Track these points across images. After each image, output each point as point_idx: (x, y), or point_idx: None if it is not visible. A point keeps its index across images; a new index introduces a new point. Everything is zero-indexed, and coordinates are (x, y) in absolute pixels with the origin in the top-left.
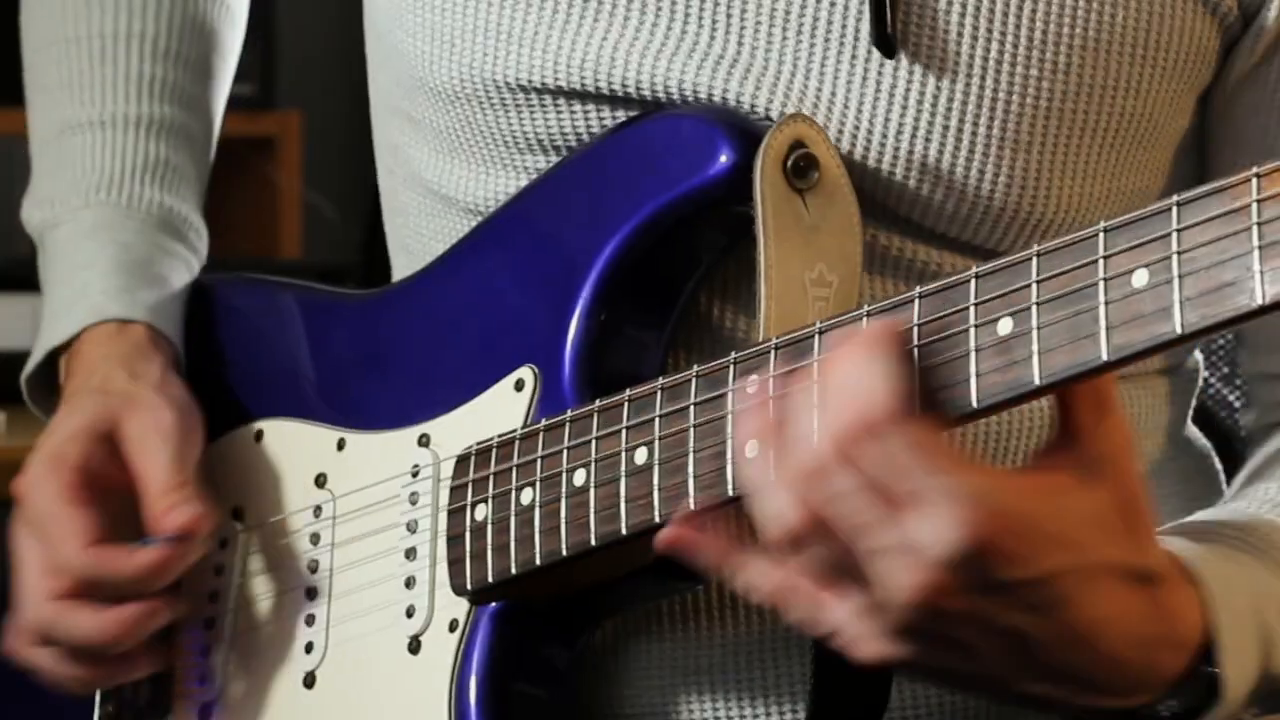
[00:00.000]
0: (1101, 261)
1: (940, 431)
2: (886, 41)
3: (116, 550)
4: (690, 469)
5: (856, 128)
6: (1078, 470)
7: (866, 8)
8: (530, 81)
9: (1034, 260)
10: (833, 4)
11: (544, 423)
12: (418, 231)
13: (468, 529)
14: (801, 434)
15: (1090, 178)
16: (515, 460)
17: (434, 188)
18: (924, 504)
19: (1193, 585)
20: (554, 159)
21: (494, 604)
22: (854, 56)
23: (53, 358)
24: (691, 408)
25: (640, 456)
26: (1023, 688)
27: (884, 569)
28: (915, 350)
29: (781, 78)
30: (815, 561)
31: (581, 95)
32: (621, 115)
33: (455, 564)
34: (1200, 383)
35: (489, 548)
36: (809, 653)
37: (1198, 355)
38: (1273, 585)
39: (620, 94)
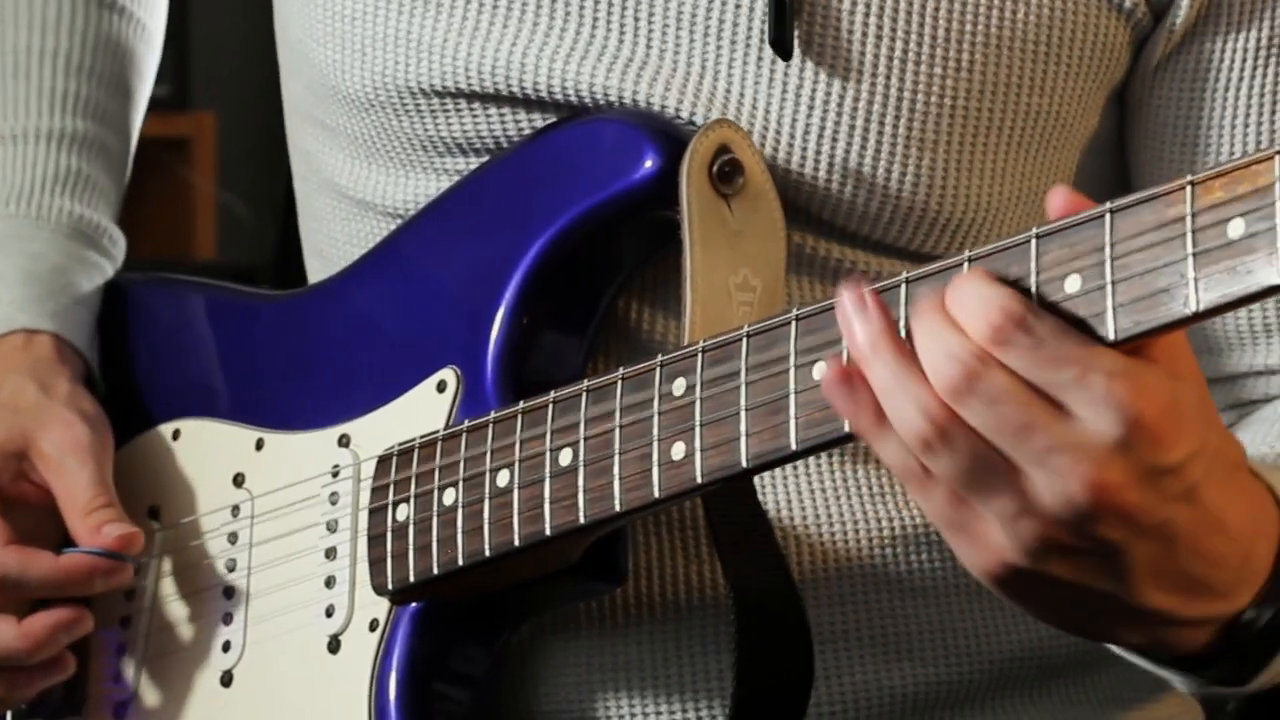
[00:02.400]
0: (1034, 266)
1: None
2: (783, 44)
3: (39, 552)
4: (616, 471)
5: (765, 129)
6: (1173, 368)
7: (766, 10)
8: (444, 87)
9: (965, 265)
10: (737, 7)
11: (467, 424)
12: (332, 236)
13: (389, 529)
14: (931, 353)
15: (999, 177)
16: (438, 461)
17: (349, 193)
18: (1087, 387)
19: (1258, 478)
20: (472, 160)
21: (414, 604)
22: (759, 59)
23: None
24: (618, 409)
25: (565, 458)
26: (1145, 601)
27: (1053, 470)
28: None
29: (690, 80)
30: (959, 464)
31: (495, 98)
32: (537, 117)
33: (376, 564)
34: None
35: (410, 548)
36: (728, 651)
37: None
38: None
39: (534, 97)
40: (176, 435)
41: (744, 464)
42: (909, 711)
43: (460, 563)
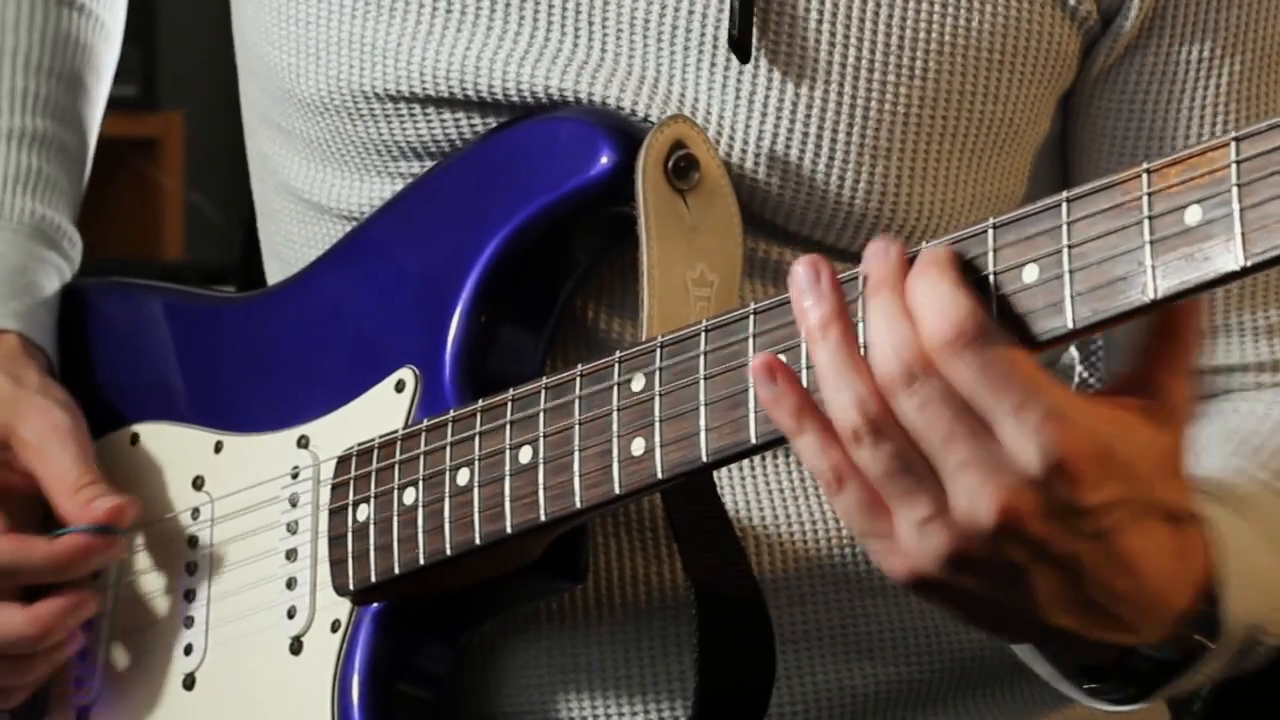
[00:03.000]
0: (991, 256)
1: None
2: (743, 46)
3: (34, 537)
4: (576, 467)
5: (720, 133)
6: (1149, 412)
7: (725, 13)
8: (398, 91)
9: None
10: (691, 10)
11: (426, 422)
12: (289, 239)
13: (349, 529)
14: (879, 340)
15: (952, 183)
16: (397, 460)
17: (305, 196)
18: (1018, 419)
19: (1206, 528)
20: (427, 164)
21: (376, 604)
22: (714, 63)
23: None
24: (577, 405)
25: (525, 455)
26: (1050, 620)
27: (966, 484)
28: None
29: (645, 82)
30: (882, 460)
31: (450, 102)
32: (491, 120)
33: (337, 564)
34: (1076, 379)
35: (371, 548)
36: (689, 651)
37: (1073, 351)
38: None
39: (488, 100)
40: (135, 439)
41: (704, 458)
42: (870, 711)
43: (421, 562)
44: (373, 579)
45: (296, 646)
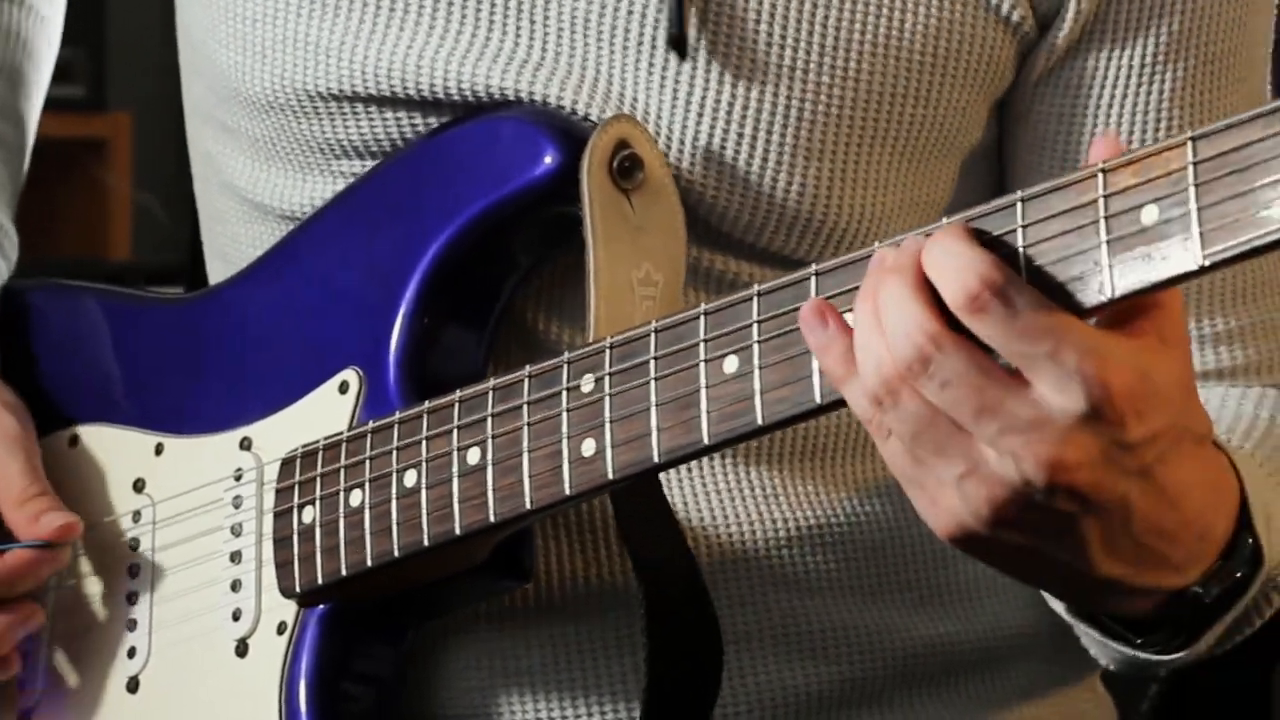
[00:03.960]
0: None
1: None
2: (681, 43)
3: None
4: (525, 468)
5: (659, 131)
6: (1159, 336)
7: (664, 12)
8: (341, 90)
9: (877, 252)
10: (631, 9)
11: (372, 424)
12: (234, 238)
13: (295, 531)
14: (893, 325)
15: (883, 187)
16: (343, 462)
17: (249, 195)
18: (1057, 362)
19: (1223, 451)
20: (369, 163)
21: (322, 606)
22: (653, 62)
23: None
24: (525, 407)
25: (473, 456)
26: (1100, 570)
27: (1005, 449)
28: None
29: (586, 80)
30: (909, 422)
31: (393, 101)
32: (434, 120)
33: (283, 567)
34: None
35: (318, 550)
36: (631, 653)
37: None
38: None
39: (430, 98)
40: (74, 441)
41: (656, 459)
42: (815, 710)
43: (369, 564)
44: (319, 581)
45: (242, 649)
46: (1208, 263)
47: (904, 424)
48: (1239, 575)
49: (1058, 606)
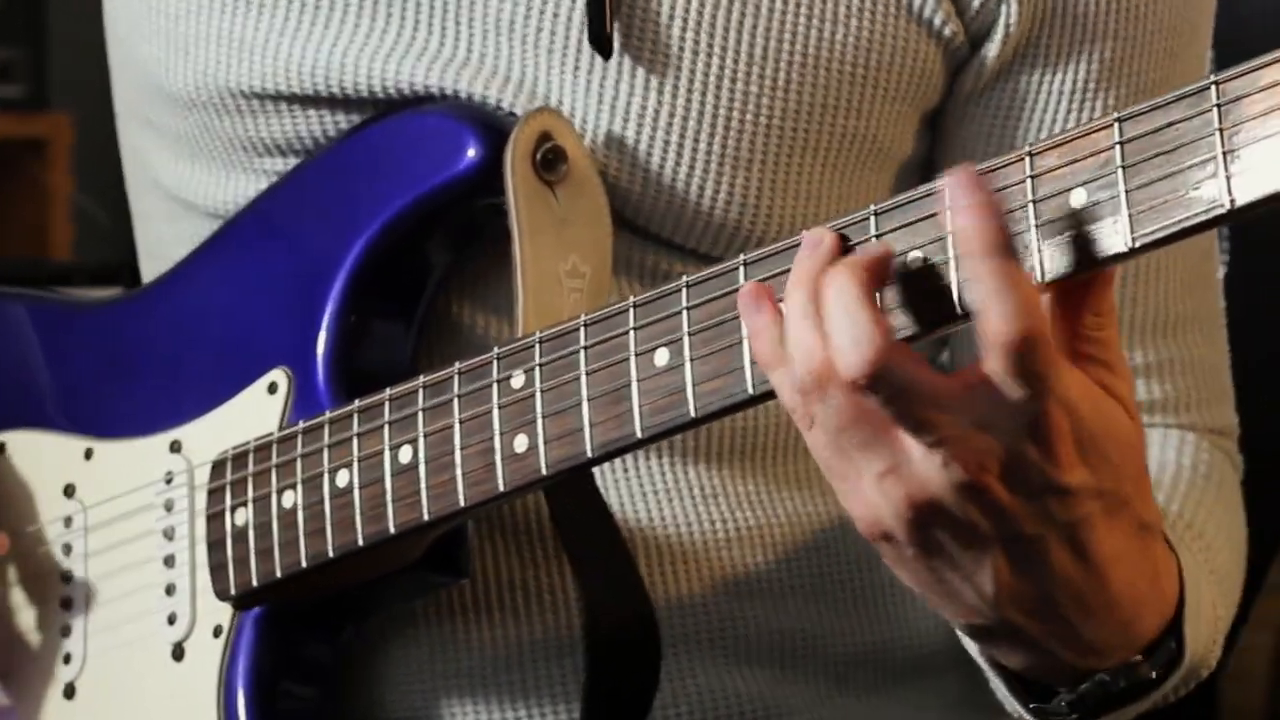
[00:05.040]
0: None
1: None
2: (602, 42)
3: None
4: (458, 466)
5: (584, 130)
6: (1113, 388)
7: (584, 11)
8: (264, 88)
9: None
10: (555, 15)
11: (302, 424)
12: (161, 236)
13: (228, 534)
14: (840, 327)
15: (813, 197)
16: (274, 463)
17: (174, 192)
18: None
19: (1173, 552)
20: (293, 161)
21: (257, 607)
22: (578, 63)
23: None
24: (456, 404)
25: (405, 455)
26: (1001, 610)
27: (936, 451)
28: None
29: (511, 79)
30: (833, 416)
31: (316, 99)
32: (357, 117)
33: (217, 570)
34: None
35: (251, 552)
36: (570, 654)
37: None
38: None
39: (354, 96)
40: (1, 449)
41: (589, 454)
42: (752, 713)
43: (303, 565)
44: (254, 584)
45: (178, 652)
46: (1137, 244)
47: (830, 417)
48: (1153, 676)
49: (969, 645)
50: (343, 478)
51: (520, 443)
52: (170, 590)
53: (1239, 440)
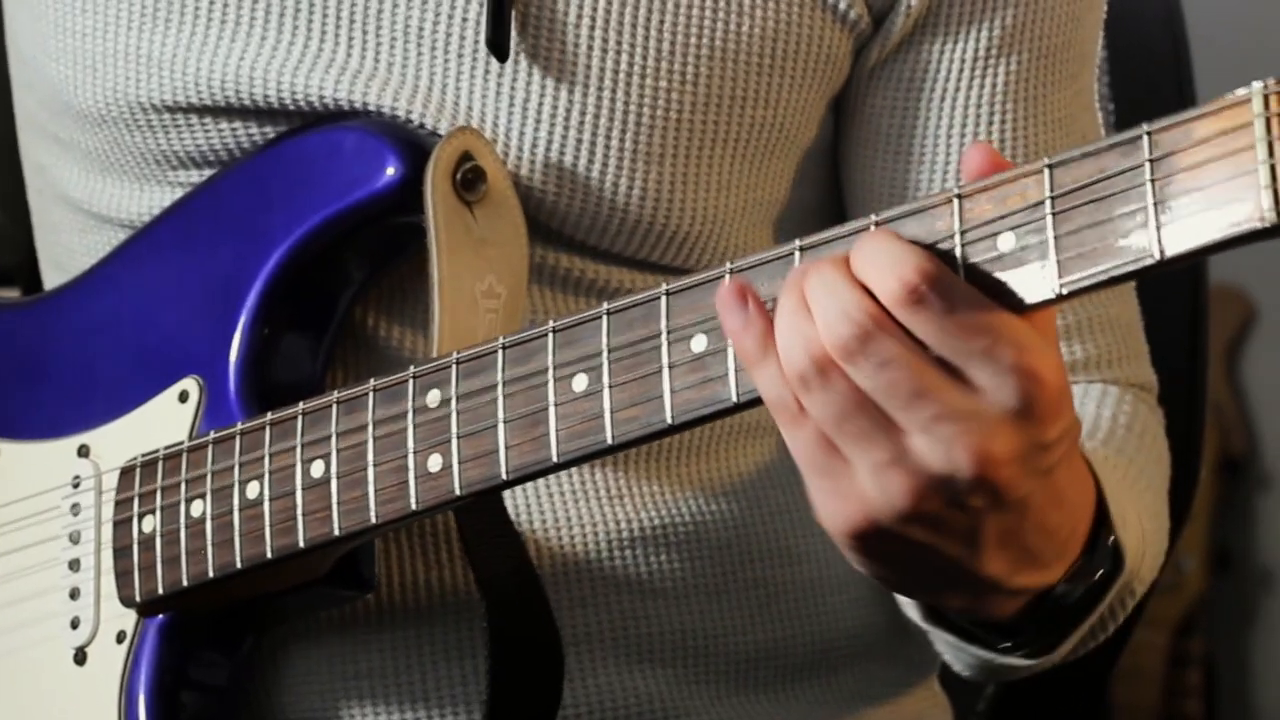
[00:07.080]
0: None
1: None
2: (500, 46)
3: None
4: (370, 483)
5: (495, 137)
6: (1045, 330)
7: (485, 17)
8: (175, 102)
9: (727, 276)
10: (465, 20)
11: (213, 435)
12: (69, 248)
13: (135, 541)
14: (827, 308)
15: (724, 189)
16: (184, 473)
17: (84, 205)
18: (994, 363)
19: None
20: (207, 173)
21: (162, 615)
22: (486, 69)
23: None
24: (370, 421)
25: (317, 470)
26: (983, 569)
27: (937, 436)
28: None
29: (420, 89)
30: (834, 405)
31: (227, 111)
32: (270, 129)
33: (123, 576)
34: None
35: (158, 560)
36: (471, 657)
37: None
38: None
39: (265, 108)
40: None
41: (504, 476)
42: (654, 711)
43: (211, 575)
44: (160, 591)
45: (81, 657)
46: (1064, 290)
47: (828, 407)
48: (1101, 573)
49: (911, 611)
50: (253, 490)
51: (434, 462)
52: (74, 594)
53: None
